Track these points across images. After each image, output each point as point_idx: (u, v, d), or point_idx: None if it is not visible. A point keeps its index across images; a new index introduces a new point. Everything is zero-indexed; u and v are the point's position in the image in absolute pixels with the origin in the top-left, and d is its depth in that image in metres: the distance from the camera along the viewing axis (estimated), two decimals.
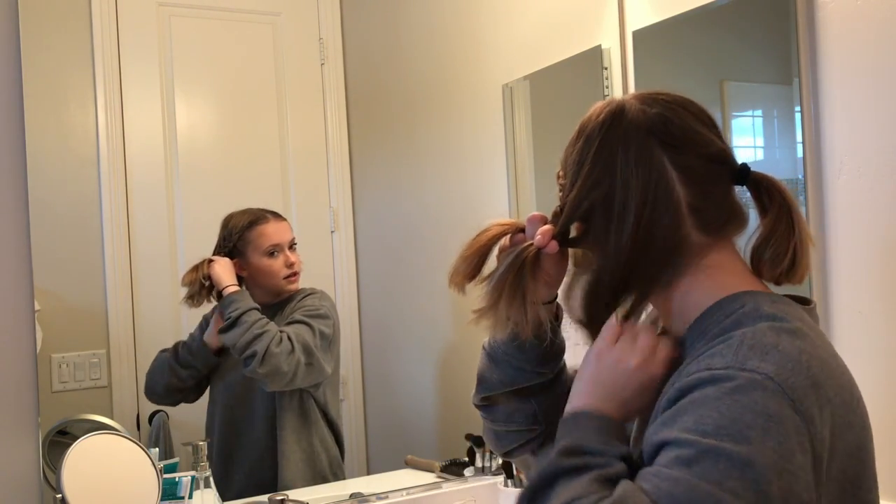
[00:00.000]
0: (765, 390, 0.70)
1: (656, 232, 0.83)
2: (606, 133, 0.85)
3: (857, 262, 1.46)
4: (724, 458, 0.67)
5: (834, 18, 1.49)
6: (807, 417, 0.70)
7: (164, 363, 1.70)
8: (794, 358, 0.73)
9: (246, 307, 1.68)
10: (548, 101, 2.08)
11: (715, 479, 0.66)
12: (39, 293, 1.40)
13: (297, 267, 1.79)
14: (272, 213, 1.79)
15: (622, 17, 1.86)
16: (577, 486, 0.74)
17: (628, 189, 0.83)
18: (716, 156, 0.86)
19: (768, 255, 0.85)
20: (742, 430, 0.68)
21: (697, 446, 0.68)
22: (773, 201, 0.87)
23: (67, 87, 1.68)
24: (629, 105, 0.87)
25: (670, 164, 0.83)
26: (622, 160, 0.84)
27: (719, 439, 0.68)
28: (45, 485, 1.38)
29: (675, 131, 0.85)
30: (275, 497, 1.55)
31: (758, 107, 1.69)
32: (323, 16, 1.96)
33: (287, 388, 1.72)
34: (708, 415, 0.70)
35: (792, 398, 0.70)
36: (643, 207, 0.82)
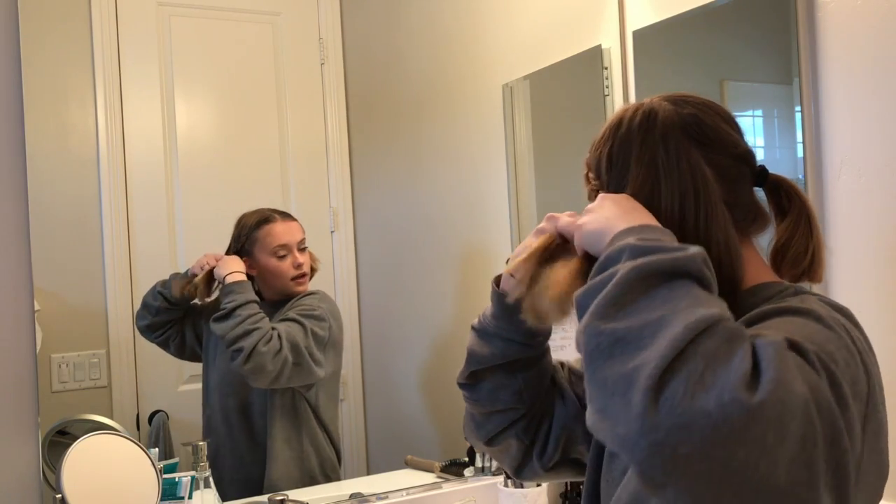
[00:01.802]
0: (849, 335, 0.74)
1: (712, 226, 0.84)
2: (645, 134, 0.87)
3: (857, 262, 1.46)
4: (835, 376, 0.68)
5: (834, 18, 1.49)
6: (868, 378, 0.74)
7: None
8: (855, 321, 0.79)
9: (244, 300, 1.67)
10: (548, 101, 2.08)
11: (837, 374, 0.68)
12: (39, 293, 1.41)
13: (305, 268, 1.78)
14: (281, 213, 1.79)
15: (622, 17, 1.86)
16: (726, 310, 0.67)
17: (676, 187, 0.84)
18: (743, 156, 0.89)
19: (789, 256, 0.88)
20: (836, 360, 0.70)
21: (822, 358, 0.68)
22: (793, 203, 0.90)
23: (67, 87, 1.68)
24: (661, 106, 0.88)
25: (705, 162, 0.85)
26: (663, 159, 0.85)
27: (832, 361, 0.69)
28: (45, 485, 1.38)
29: (708, 131, 0.87)
30: (275, 497, 1.55)
31: (758, 107, 1.69)
32: (323, 16, 1.96)
33: (272, 386, 1.71)
34: (799, 332, 0.70)
35: (859, 349, 0.74)
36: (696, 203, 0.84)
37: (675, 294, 0.67)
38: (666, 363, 0.62)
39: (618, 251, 0.72)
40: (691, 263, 0.69)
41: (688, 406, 0.60)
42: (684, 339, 0.63)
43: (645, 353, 0.63)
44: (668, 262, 0.68)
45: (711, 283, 0.71)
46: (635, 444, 0.62)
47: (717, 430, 0.59)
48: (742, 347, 0.63)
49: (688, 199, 0.84)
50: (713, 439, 0.60)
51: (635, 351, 0.64)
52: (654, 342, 0.63)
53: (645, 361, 0.63)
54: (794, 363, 0.64)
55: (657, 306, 0.66)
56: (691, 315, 0.64)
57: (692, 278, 0.69)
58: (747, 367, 0.62)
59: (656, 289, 0.67)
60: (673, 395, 0.61)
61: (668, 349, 0.62)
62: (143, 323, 1.69)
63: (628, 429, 0.62)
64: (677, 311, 0.65)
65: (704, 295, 0.68)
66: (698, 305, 0.65)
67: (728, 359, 0.62)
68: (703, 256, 0.71)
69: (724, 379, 0.61)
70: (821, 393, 0.65)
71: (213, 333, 1.70)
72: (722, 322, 0.64)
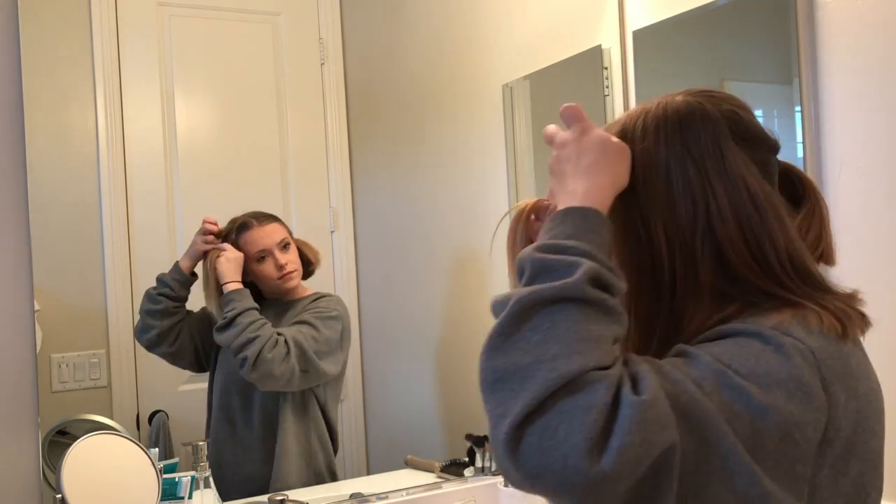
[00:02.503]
0: (804, 360, 0.71)
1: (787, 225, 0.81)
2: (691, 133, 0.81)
3: (857, 262, 1.46)
4: (744, 399, 0.68)
5: (834, 18, 1.49)
6: (832, 400, 0.71)
7: None
8: (834, 346, 0.74)
9: (243, 307, 1.67)
10: (548, 101, 2.08)
11: (728, 416, 0.67)
12: (39, 293, 1.40)
13: (289, 266, 1.77)
14: (259, 216, 1.77)
15: (622, 17, 1.86)
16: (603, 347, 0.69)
17: (749, 190, 0.80)
18: (774, 147, 0.87)
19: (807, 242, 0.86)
20: (772, 383, 0.69)
21: (727, 380, 0.69)
22: (808, 192, 0.89)
23: (67, 87, 1.68)
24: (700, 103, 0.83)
25: (749, 158, 0.82)
26: (723, 160, 0.80)
27: (748, 381, 0.69)
28: (45, 485, 1.38)
29: (747, 126, 0.84)
30: (275, 497, 1.55)
31: (758, 107, 1.69)
32: (323, 16, 1.96)
33: (282, 390, 1.71)
34: (747, 360, 0.71)
35: (824, 376, 0.71)
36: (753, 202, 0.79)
37: (556, 328, 0.69)
38: (522, 418, 0.65)
39: (520, 265, 0.75)
40: (571, 291, 0.70)
41: (539, 461, 0.64)
42: (544, 394, 0.65)
43: (510, 403, 0.66)
44: (549, 294, 0.70)
45: (601, 299, 0.71)
46: (505, 473, 0.68)
47: (562, 487, 0.64)
48: (597, 407, 0.64)
49: (757, 198, 0.79)
50: (560, 490, 0.64)
51: (506, 397, 0.67)
52: (520, 392, 0.66)
53: (508, 411, 0.66)
54: (657, 415, 0.65)
55: (534, 345, 0.68)
56: (555, 367, 0.66)
57: (574, 302, 0.70)
58: (597, 430, 0.64)
59: (538, 320, 0.69)
60: (528, 448, 0.65)
61: (528, 404, 0.65)
62: (151, 334, 1.67)
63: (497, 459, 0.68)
64: (544, 360, 0.67)
65: (584, 327, 0.69)
66: (569, 353, 0.67)
67: (580, 419, 0.64)
68: (590, 275, 0.71)
69: (572, 441, 0.63)
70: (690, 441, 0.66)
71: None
72: (584, 376, 0.66)
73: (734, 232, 0.78)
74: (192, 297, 1.71)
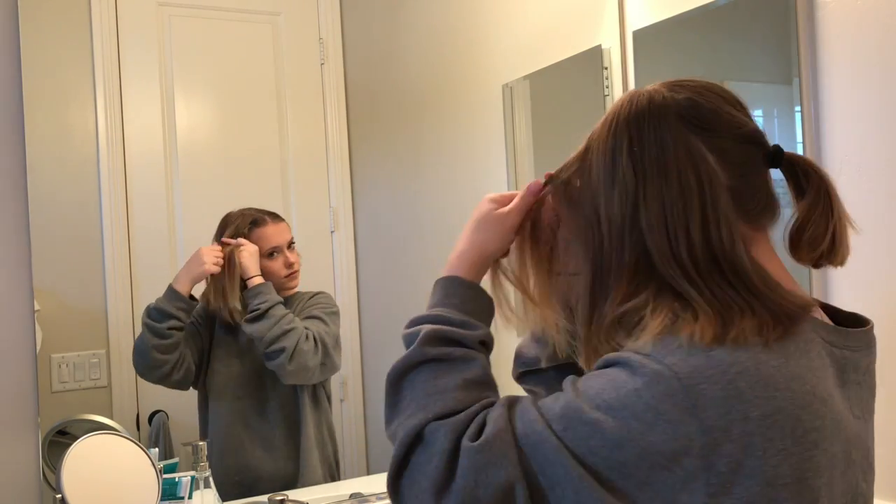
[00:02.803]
0: (667, 388, 0.70)
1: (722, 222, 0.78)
2: (638, 125, 0.82)
3: (857, 262, 1.46)
4: (599, 434, 0.71)
5: (834, 18, 1.49)
6: (705, 426, 0.69)
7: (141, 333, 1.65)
8: (720, 367, 0.71)
9: (274, 301, 1.69)
10: (548, 101, 2.08)
11: (580, 452, 0.72)
12: (39, 293, 1.40)
13: (296, 266, 1.80)
14: (270, 214, 1.79)
15: (622, 17, 1.86)
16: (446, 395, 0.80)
17: (680, 180, 0.79)
18: (750, 136, 0.83)
19: (807, 237, 0.83)
20: (628, 415, 0.71)
21: (582, 415, 0.72)
22: (811, 182, 0.85)
23: (67, 87, 1.68)
24: (656, 93, 0.84)
25: (706, 147, 0.80)
26: (659, 151, 0.80)
27: (606, 416, 0.71)
28: (45, 485, 1.38)
29: (707, 114, 0.82)
30: (275, 497, 1.55)
31: (758, 107, 1.69)
32: (323, 16, 1.96)
33: (306, 382, 1.74)
34: (608, 393, 0.73)
35: (693, 403, 0.70)
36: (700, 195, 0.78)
37: (413, 390, 0.83)
38: (393, 472, 0.80)
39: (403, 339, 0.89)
40: (415, 356, 0.84)
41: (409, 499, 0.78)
42: (403, 452, 0.79)
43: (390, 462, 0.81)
44: (401, 365, 0.85)
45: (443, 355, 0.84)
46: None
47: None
48: (438, 455, 0.76)
49: (690, 190, 0.78)
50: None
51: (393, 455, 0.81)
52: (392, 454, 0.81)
53: (390, 466, 0.80)
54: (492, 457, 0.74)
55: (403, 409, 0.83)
56: (406, 425, 0.80)
57: (424, 364, 0.84)
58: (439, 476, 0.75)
59: (406, 387, 0.84)
60: (402, 490, 0.79)
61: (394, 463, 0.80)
62: (164, 369, 1.65)
63: None
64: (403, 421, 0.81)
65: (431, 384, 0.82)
66: (417, 410, 0.81)
67: (426, 468, 0.77)
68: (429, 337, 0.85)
69: (423, 487, 0.76)
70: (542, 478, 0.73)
71: (213, 338, 1.72)
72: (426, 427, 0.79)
73: (656, 222, 0.79)
74: None
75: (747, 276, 0.77)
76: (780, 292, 0.78)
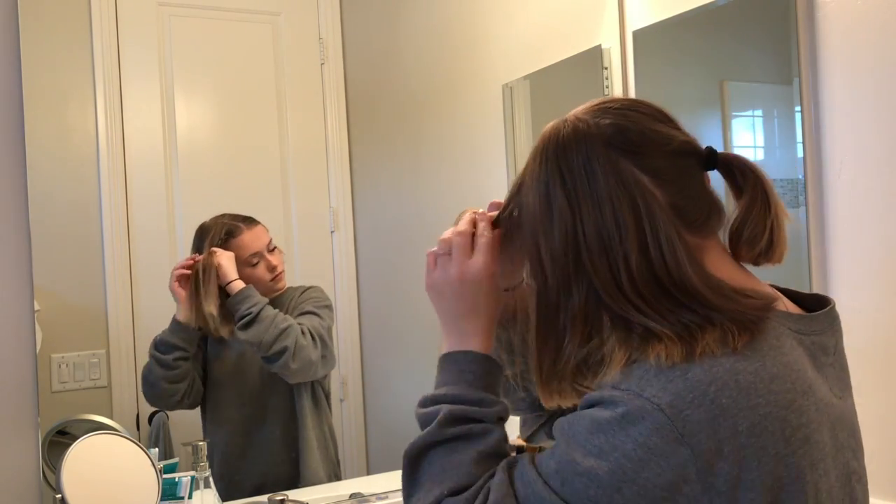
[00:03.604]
0: (653, 422, 0.70)
1: (663, 243, 0.77)
2: (566, 157, 0.81)
3: (857, 262, 1.46)
4: (595, 483, 0.72)
5: (834, 18, 1.49)
6: (697, 451, 0.70)
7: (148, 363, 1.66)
8: (700, 389, 0.71)
9: (262, 302, 1.68)
10: (548, 101, 2.08)
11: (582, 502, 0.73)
12: (39, 293, 1.40)
13: (279, 268, 1.78)
14: (244, 219, 1.76)
15: (622, 17, 1.86)
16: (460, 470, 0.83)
17: (610, 207, 0.78)
18: (680, 150, 0.82)
19: (745, 237, 0.83)
20: (620, 457, 0.71)
21: (576, 467, 0.73)
22: (747, 180, 0.84)
23: (67, 87, 1.68)
24: (580, 122, 0.83)
25: (638, 170, 0.79)
26: (590, 181, 0.79)
27: (599, 461, 0.72)
28: (45, 485, 1.38)
29: (633, 136, 0.80)
30: (275, 497, 1.55)
31: (758, 107, 1.69)
32: (323, 16, 1.96)
33: (309, 379, 1.74)
34: (596, 437, 0.73)
35: (681, 432, 0.70)
36: (636, 220, 0.77)
37: (430, 468, 0.85)
38: None
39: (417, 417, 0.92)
40: (434, 436, 0.86)
41: None
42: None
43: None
44: (420, 444, 0.87)
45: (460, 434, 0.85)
46: None
47: None
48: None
49: (624, 217, 0.77)
50: None
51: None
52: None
53: None
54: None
55: (421, 484, 0.85)
56: (424, 501, 0.83)
57: (442, 443, 0.86)
58: None
59: (424, 465, 0.86)
60: None
61: None
62: (176, 398, 1.67)
63: None
64: (420, 496, 0.84)
65: (447, 461, 0.85)
66: (433, 486, 0.83)
67: None
68: (448, 418, 0.86)
69: None
70: None
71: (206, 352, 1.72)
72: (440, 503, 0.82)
73: (597, 256, 0.78)
74: None
75: (699, 294, 0.76)
76: (737, 300, 0.77)
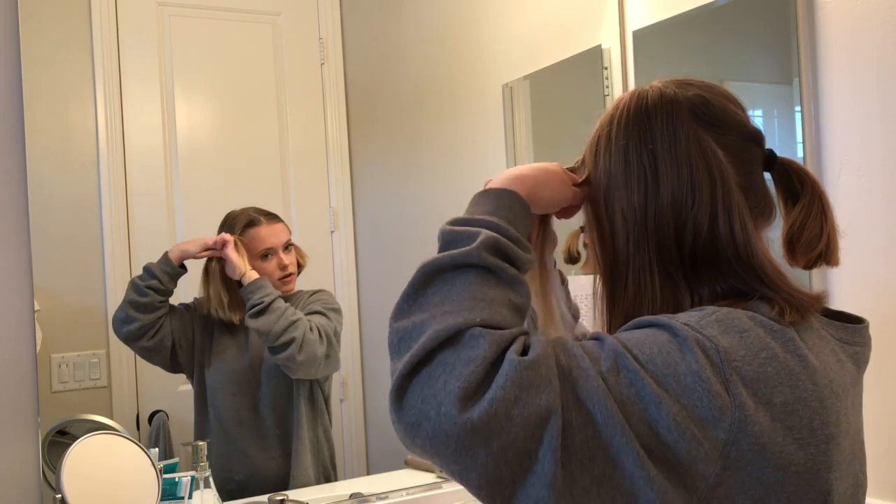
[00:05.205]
0: (708, 357, 0.70)
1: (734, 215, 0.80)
2: (650, 118, 0.83)
3: (857, 262, 1.46)
4: (638, 385, 0.68)
5: (834, 18, 1.49)
6: (736, 402, 0.69)
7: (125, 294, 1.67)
8: (752, 349, 0.72)
9: (274, 294, 1.69)
10: (548, 101, 2.08)
11: (620, 397, 0.68)
12: (39, 293, 1.40)
13: (290, 269, 1.78)
14: (267, 214, 1.78)
15: (622, 17, 1.86)
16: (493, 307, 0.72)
17: (687, 171, 0.81)
18: (753, 136, 0.85)
19: (804, 240, 0.84)
20: (669, 374, 0.69)
21: (626, 361, 0.69)
22: (806, 186, 0.86)
23: (67, 87, 1.68)
24: (666, 88, 0.85)
25: (716, 144, 0.82)
26: (671, 143, 0.82)
27: (646, 369, 0.69)
28: (45, 485, 1.38)
29: (716, 111, 0.83)
30: (275, 497, 1.55)
31: (758, 107, 1.69)
32: (323, 16, 1.96)
33: (312, 376, 1.74)
34: (650, 349, 0.71)
35: (728, 378, 0.70)
36: (711, 186, 0.80)
37: (454, 290, 0.73)
38: (410, 368, 0.68)
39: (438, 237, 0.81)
40: (468, 257, 0.75)
41: (418, 408, 0.67)
42: (430, 346, 0.69)
43: (401, 358, 0.70)
44: (448, 260, 0.75)
45: (499, 266, 0.75)
46: (396, 430, 0.70)
47: (436, 438, 0.66)
48: (476, 360, 0.67)
49: (701, 183, 0.80)
50: (434, 441, 0.66)
51: (401, 353, 0.71)
52: (410, 347, 0.70)
53: (397, 367, 0.70)
54: (537, 377, 0.66)
55: (433, 305, 0.72)
56: (443, 322, 0.70)
57: (474, 268, 0.75)
58: (473, 381, 0.66)
59: (440, 284, 0.74)
60: (410, 397, 0.67)
61: (414, 356, 0.69)
62: (133, 327, 1.64)
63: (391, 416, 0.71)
64: (436, 316, 0.71)
65: (479, 289, 0.73)
66: (460, 310, 0.71)
67: (460, 370, 0.67)
68: (488, 243, 0.76)
69: (448, 388, 0.66)
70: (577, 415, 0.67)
71: (210, 335, 1.71)
72: (469, 330, 0.69)
73: (666, 215, 0.81)
74: None
75: (762, 269, 0.79)
76: (793, 285, 0.80)
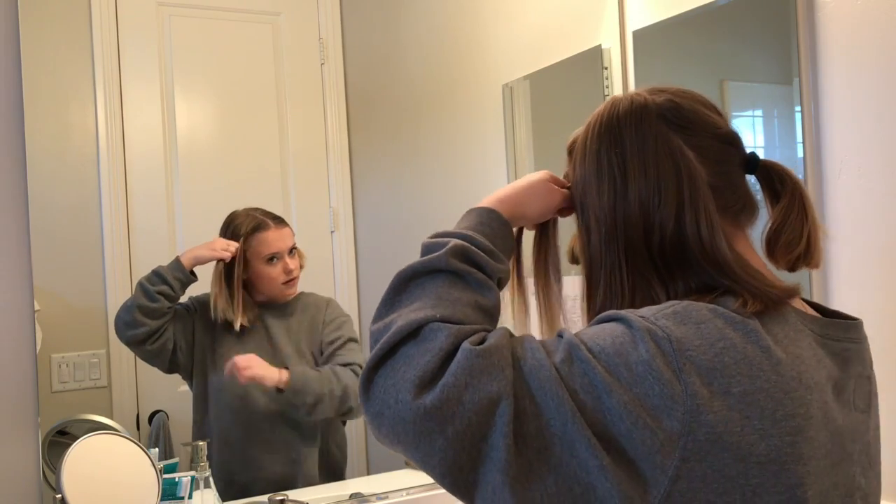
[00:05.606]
0: (659, 347, 0.71)
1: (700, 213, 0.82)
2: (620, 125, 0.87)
3: (857, 262, 1.46)
4: (591, 374, 0.71)
5: (834, 18, 1.49)
6: (689, 392, 0.70)
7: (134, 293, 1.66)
8: (708, 340, 0.72)
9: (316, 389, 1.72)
10: (548, 101, 2.08)
11: (573, 386, 0.71)
12: (39, 293, 1.40)
13: (295, 273, 1.79)
14: (274, 218, 1.78)
15: (622, 17, 1.86)
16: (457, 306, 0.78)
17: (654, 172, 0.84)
18: (725, 137, 0.88)
19: (783, 241, 0.85)
20: (620, 364, 0.71)
21: (580, 353, 0.72)
22: (786, 187, 0.88)
23: (67, 87, 1.68)
24: (637, 96, 0.88)
25: (686, 145, 0.84)
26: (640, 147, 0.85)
27: (597, 359, 0.72)
28: (45, 485, 1.38)
29: (686, 114, 0.86)
30: (275, 497, 1.55)
31: (758, 107, 1.69)
32: (323, 16, 1.96)
33: None
34: (603, 340, 0.74)
35: (680, 367, 0.70)
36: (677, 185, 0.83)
37: (423, 293, 0.80)
38: (374, 362, 0.75)
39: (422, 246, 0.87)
40: (436, 262, 0.82)
41: (381, 398, 0.73)
42: (394, 340, 0.75)
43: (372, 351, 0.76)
44: (419, 267, 0.82)
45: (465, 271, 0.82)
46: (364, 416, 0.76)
47: (396, 426, 0.71)
48: (433, 351, 0.73)
49: (668, 183, 0.83)
50: (395, 429, 0.72)
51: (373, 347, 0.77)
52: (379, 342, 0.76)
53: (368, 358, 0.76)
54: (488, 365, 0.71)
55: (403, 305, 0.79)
56: (407, 318, 0.76)
57: (443, 272, 0.82)
58: (428, 370, 0.72)
59: (413, 289, 0.81)
60: (375, 388, 0.74)
61: (380, 350, 0.75)
62: (139, 332, 1.63)
63: None
64: (403, 314, 0.77)
65: (445, 291, 0.80)
66: (424, 308, 0.77)
67: (417, 361, 0.73)
68: (456, 250, 0.83)
69: (406, 377, 0.72)
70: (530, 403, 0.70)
71: (213, 337, 1.72)
72: (429, 325, 0.75)
73: (634, 216, 0.84)
74: None
75: (727, 265, 0.81)
76: (761, 279, 0.81)
